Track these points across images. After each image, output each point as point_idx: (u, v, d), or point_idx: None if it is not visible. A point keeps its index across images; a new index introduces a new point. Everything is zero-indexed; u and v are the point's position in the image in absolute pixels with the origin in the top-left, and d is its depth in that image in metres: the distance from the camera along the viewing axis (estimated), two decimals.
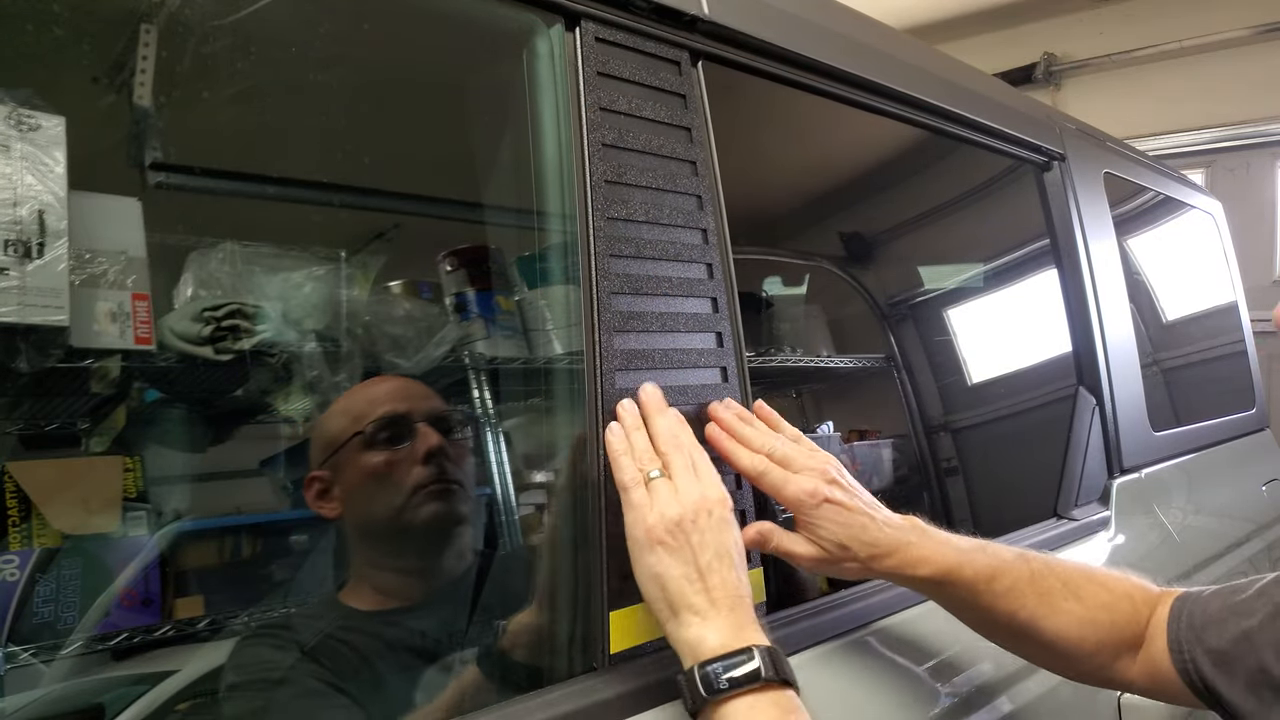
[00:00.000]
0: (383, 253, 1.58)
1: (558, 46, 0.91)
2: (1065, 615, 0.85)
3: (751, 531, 0.83)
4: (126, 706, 1.35)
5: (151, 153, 1.25)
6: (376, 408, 1.18)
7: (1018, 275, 2.04)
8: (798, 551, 0.83)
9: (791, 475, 0.83)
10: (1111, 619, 0.85)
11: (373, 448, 1.16)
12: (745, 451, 0.85)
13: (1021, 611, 0.84)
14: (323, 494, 1.19)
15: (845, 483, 0.85)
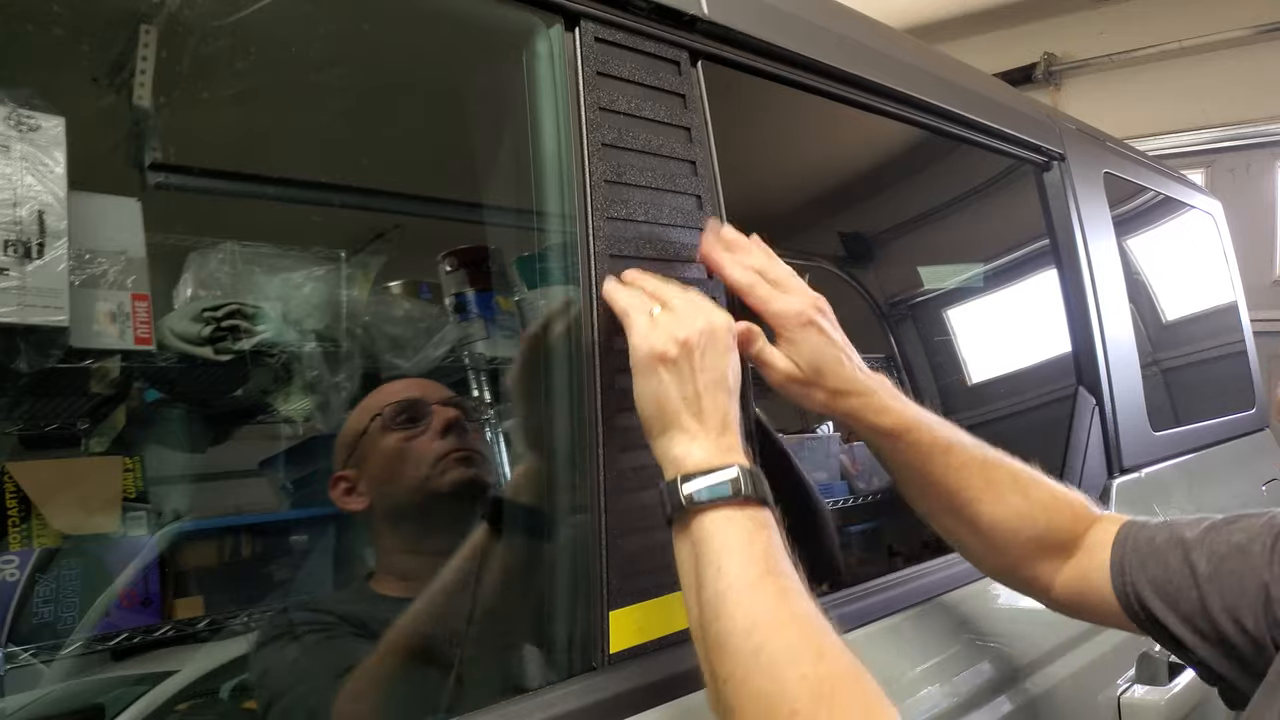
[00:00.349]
0: (383, 253, 1.58)
1: (557, 46, 0.91)
2: (1006, 506, 0.87)
3: (742, 325, 0.84)
4: (126, 706, 1.36)
5: (151, 153, 1.25)
6: (392, 396, 1.23)
7: (1017, 275, 2.04)
8: (777, 364, 0.85)
9: (780, 294, 0.86)
10: (1049, 521, 0.88)
11: (391, 429, 1.20)
12: (738, 264, 0.87)
13: (967, 491, 0.87)
14: (349, 490, 1.22)
15: (831, 320, 0.87)
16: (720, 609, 0.64)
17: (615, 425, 0.83)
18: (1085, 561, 0.87)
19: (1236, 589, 0.75)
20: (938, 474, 0.87)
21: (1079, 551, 0.88)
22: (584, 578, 0.82)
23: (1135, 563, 0.83)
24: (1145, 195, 2.15)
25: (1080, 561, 0.88)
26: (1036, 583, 0.90)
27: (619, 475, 0.82)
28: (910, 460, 0.88)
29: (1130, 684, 1.27)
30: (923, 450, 0.87)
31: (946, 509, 0.90)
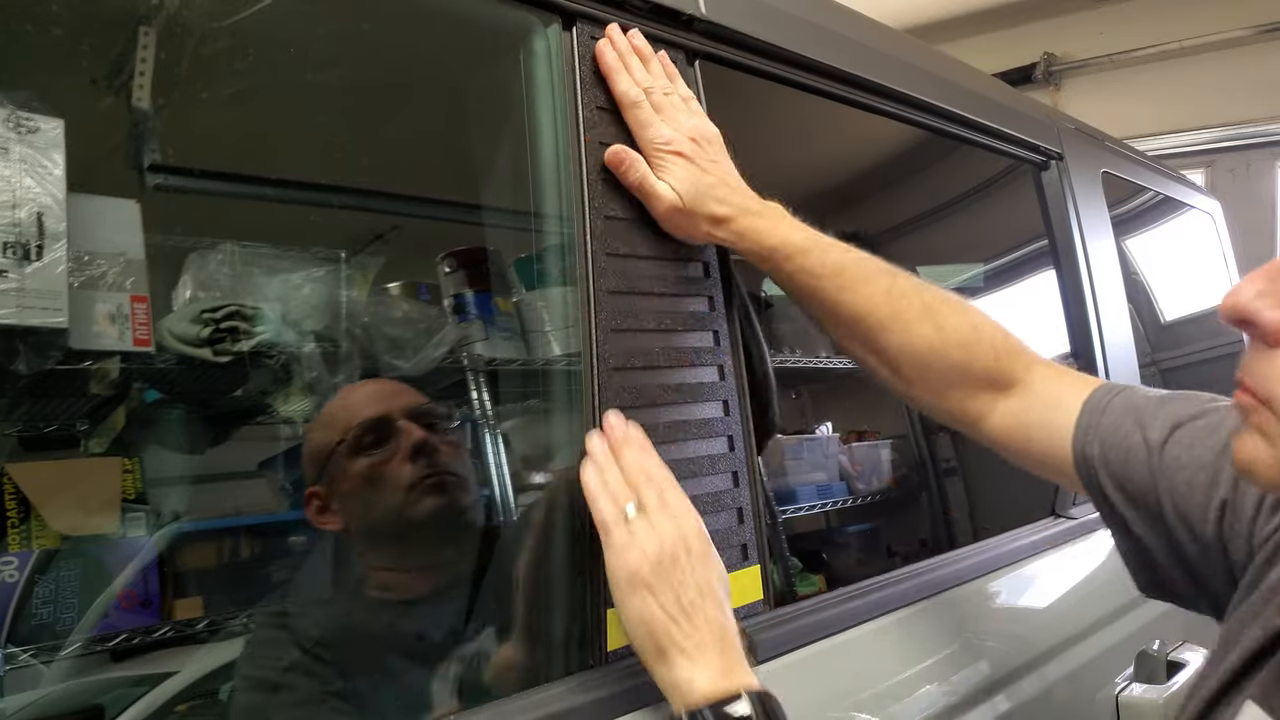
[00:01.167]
0: (381, 254, 1.58)
1: (555, 46, 0.91)
2: (915, 337, 0.85)
3: (625, 156, 0.86)
4: (126, 707, 1.36)
5: (150, 154, 1.25)
6: (354, 414, 1.16)
7: (1016, 275, 2.04)
8: (660, 192, 0.86)
9: (657, 119, 0.87)
10: (966, 356, 0.84)
11: (358, 454, 1.14)
12: (626, 79, 0.88)
13: (869, 318, 0.85)
14: (321, 509, 1.18)
15: (708, 149, 0.88)
16: None
17: None
18: (1035, 410, 0.83)
19: (1186, 490, 0.71)
20: (832, 298, 0.86)
21: (1017, 394, 0.84)
22: (582, 576, 0.82)
23: (1100, 432, 0.78)
24: (1144, 195, 2.15)
25: (1024, 406, 0.84)
26: (963, 416, 0.87)
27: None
28: (805, 284, 0.87)
29: (1128, 682, 1.27)
30: (812, 274, 0.86)
31: (850, 336, 0.89)
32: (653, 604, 0.69)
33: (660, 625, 0.69)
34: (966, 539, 1.92)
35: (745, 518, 0.92)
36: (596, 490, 0.76)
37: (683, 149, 0.87)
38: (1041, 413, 0.83)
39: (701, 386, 0.91)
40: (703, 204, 0.86)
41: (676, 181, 0.86)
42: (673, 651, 0.68)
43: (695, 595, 0.70)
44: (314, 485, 1.18)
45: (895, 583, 1.07)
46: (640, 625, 0.70)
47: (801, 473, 2.03)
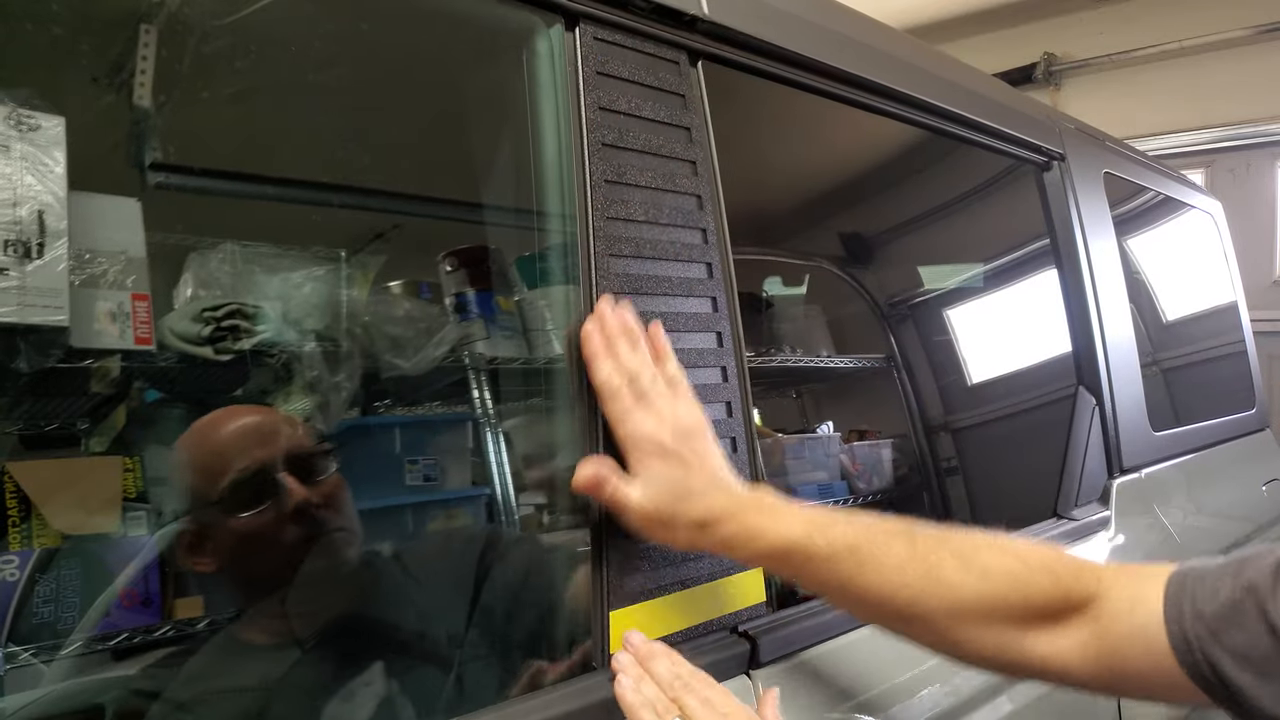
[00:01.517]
0: (382, 253, 1.58)
1: (557, 46, 0.91)
2: (959, 591, 0.71)
3: (588, 470, 0.76)
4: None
5: (151, 153, 1.25)
6: (228, 464, 1.04)
7: (1017, 275, 2.04)
8: (630, 501, 0.75)
9: (637, 412, 0.77)
10: (1025, 594, 0.71)
11: (234, 510, 1.03)
12: (609, 365, 0.78)
13: (902, 591, 0.71)
14: (193, 548, 1.07)
15: (693, 443, 0.78)
16: None
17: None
18: (1120, 621, 0.69)
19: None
20: (856, 582, 0.72)
21: (1091, 613, 0.71)
22: (584, 579, 0.82)
23: (1204, 634, 0.64)
24: (1145, 195, 2.15)
25: (1104, 627, 0.70)
26: (1044, 664, 0.72)
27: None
28: (819, 574, 0.74)
29: None
30: (823, 560, 0.73)
31: (891, 617, 0.74)
32: None
33: None
34: None
35: None
36: (635, 707, 0.70)
37: (662, 445, 0.76)
38: (1124, 619, 0.69)
39: (705, 388, 0.91)
40: (684, 510, 0.75)
41: (651, 487, 0.76)
42: None
43: None
44: (184, 522, 1.09)
45: None
46: None
47: (803, 472, 2.03)
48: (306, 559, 1.04)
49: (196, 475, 1.06)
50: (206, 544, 1.06)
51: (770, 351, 1.97)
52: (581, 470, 0.76)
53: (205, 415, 1.09)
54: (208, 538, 1.06)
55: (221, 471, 1.03)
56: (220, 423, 1.08)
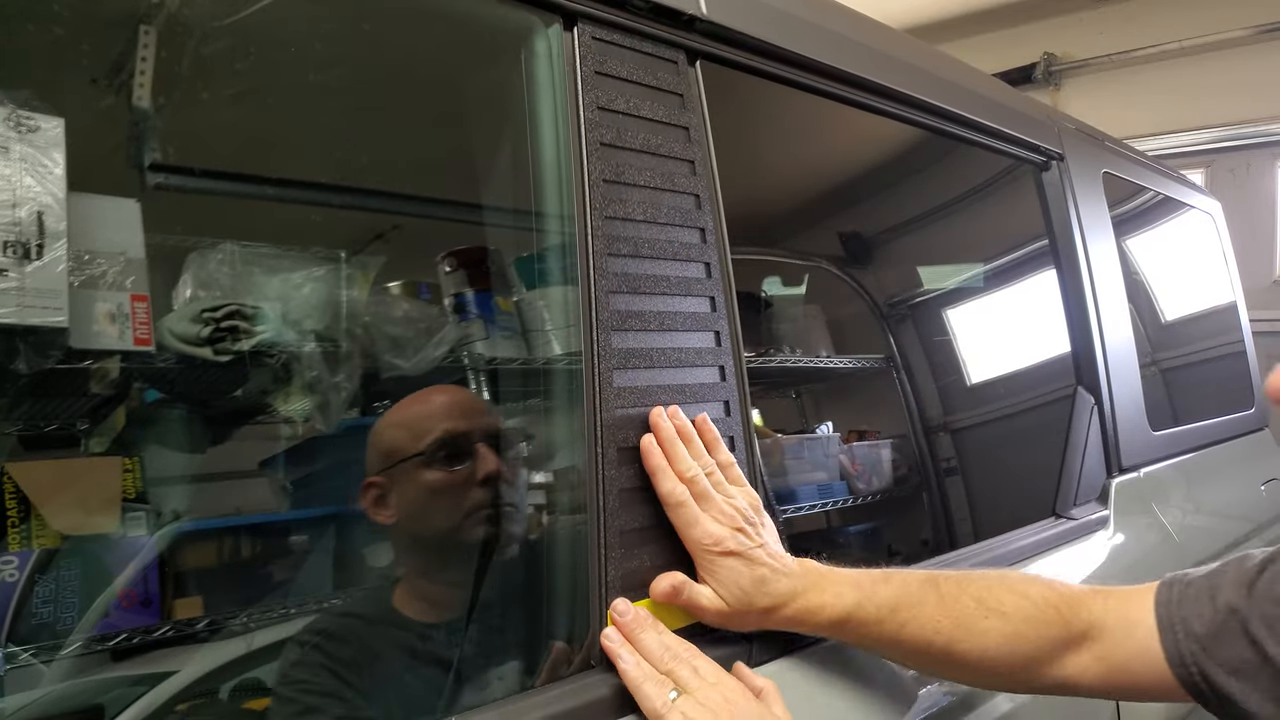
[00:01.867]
0: (382, 253, 1.58)
1: (555, 46, 0.91)
2: (986, 635, 0.83)
3: (665, 584, 0.82)
4: (126, 706, 1.36)
5: (150, 154, 1.25)
6: (436, 425, 1.19)
7: (1016, 276, 2.04)
8: (704, 604, 0.83)
9: (702, 516, 0.83)
10: (1038, 631, 0.83)
11: (431, 466, 1.17)
12: (671, 476, 0.84)
13: (938, 638, 0.83)
14: (379, 501, 1.20)
15: (752, 532, 0.85)
16: None
17: (614, 424, 0.83)
18: (1120, 645, 0.82)
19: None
20: (900, 637, 0.84)
21: (1094, 639, 0.83)
22: (583, 576, 0.82)
23: (1195, 649, 0.77)
24: (1145, 195, 2.15)
25: (1107, 648, 0.83)
26: (1063, 686, 0.84)
27: (619, 475, 0.82)
28: (871, 635, 0.85)
29: None
30: (874, 624, 0.84)
31: (934, 661, 0.86)
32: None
33: None
34: (967, 539, 1.92)
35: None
36: (639, 680, 0.75)
37: (729, 547, 0.83)
38: (1124, 642, 0.82)
39: (703, 387, 0.91)
40: (752, 601, 0.83)
41: (723, 587, 0.83)
42: None
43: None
44: (375, 477, 1.21)
45: None
46: None
47: (802, 472, 2.03)
48: (478, 528, 1.16)
49: (403, 431, 1.20)
50: (393, 497, 1.19)
51: (769, 351, 1.97)
52: (659, 585, 0.83)
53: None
54: (394, 492, 1.19)
55: (429, 430, 1.18)
56: (435, 392, 1.25)
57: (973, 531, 2.15)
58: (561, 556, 0.89)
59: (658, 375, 0.87)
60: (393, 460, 1.19)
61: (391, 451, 1.20)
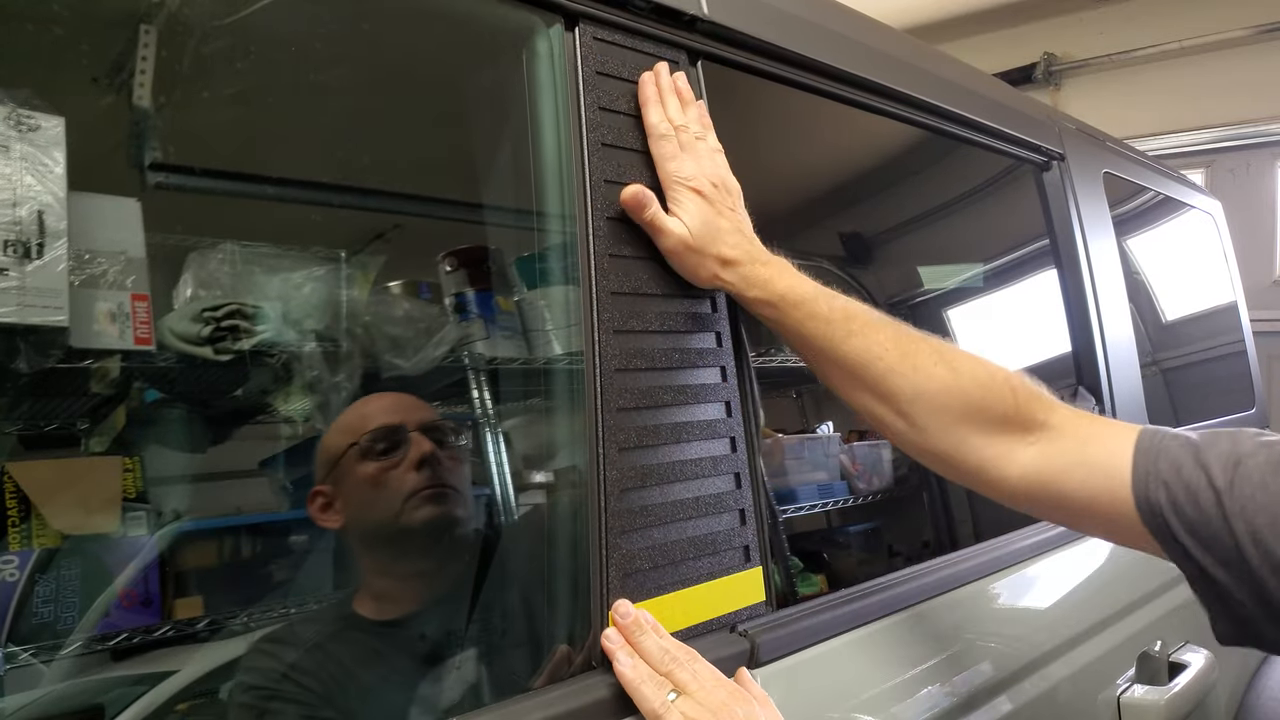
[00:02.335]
0: (382, 253, 1.58)
1: (557, 46, 0.91)
2: (928, 378, 0.82)
3: (633, 189, 0.86)
4: (126, 706, 1.35)
5: (151, 153, 1.25)
6: (370, 421, 1.22)
7: (1017, 275, 2.04)
8: (668, 227, 0.86)
9: (682, 156, 0.88)
10: (984, 396, 0.81)
11: (367, 458, 1.20)
12: (659, 111, 0.89)
13: (879, 361, 0.83)
14: (325, 507, 1.23)
15: (726, 198, 0.89)
16: None
17: (615, 425, 0.83)
18: (1071, 453, 0.80)
19: (1271, 532, 0.69)
20: (841, 341, 0.84)
21: (1044, 438, 0.81)
22: (584, 577, 0.82)
23: (1162, 476, 0.74)
24: (1145, 195, 2.15)
25: (1056, 450, 0.80)
26: (983, 467, 0.83)
27: (619, 475, 0.82)
28: (811, 330, 0.85)
29: (1130, 684, 1.27)
30: (822, 317, 0.84)
31: (860, 383, 0.85)
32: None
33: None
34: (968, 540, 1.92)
35: (747, 519, 0.92)
36: (637, 681, 0.75)
37: (702, 188, 0.87)
38: (1079, 453, 0.79)
39: (704, 388, 0.91)
40: (713, 244, 0.86)
41: (689, 218, 0.86)
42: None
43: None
44: (321, 484, 1.23)
45: (897, 584, 1.07)
46: None
47: (802, 472, 2.03)
48: (417, 513, 1.18)
49: (338, 433, 1.23)
50: (337, 500, 1.22)
51: (770, 351, 1.97)
52: (627, 190, 0.85)
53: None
54: (338, 494, 1.22)
55: (361, 425, 1.21)
56: (371, 397, 1.29)
57: (973, 532, 2.14)
58: (562, 558, 0.89)
59: (659, 376, 0.87)
60: (332, 461, 1.22)
61: (330, 453, 1.23)
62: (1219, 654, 1.38)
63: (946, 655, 1.04)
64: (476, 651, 1.13)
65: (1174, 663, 1.31)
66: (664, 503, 0.85)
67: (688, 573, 0.85)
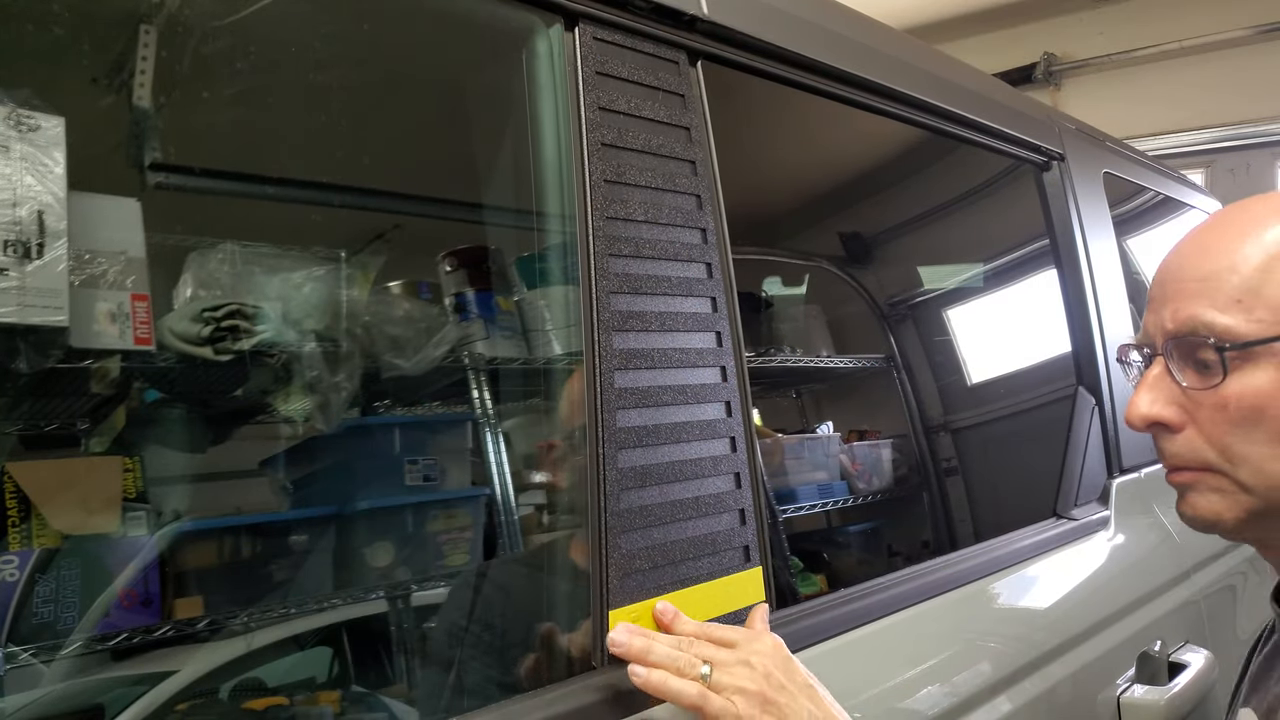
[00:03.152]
0: (382, 253, 1.58)
1: (557, 46, 0.91)
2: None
3: None
4: (126, 706, 1.36)
5: (151, 153, 1.25)
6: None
7: (1017, 275, 2.04)
8: None
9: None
10: None
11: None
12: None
13: None
14: (555, 464, 1.22)
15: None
16: None
17: (615, 425, 0.83)
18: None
19: None
20: None
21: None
22: (584, 577, 0.82)
23: None
24: (1145, 195, 2.15)
25: None
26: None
27: (619, 475, 0.82)
28: None
29: (1130, 684, 1.27)
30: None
31: None
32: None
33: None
34: (968, 539, 1.92)
35: (747, 519, 0.92)
36: (662, 681, 0.72)
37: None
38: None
39: (704, 388, 0.91)
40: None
41: None
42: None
43: (806, 702, 0.73)
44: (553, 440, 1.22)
45: (897, 584, 1.07)
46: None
47: (802, 472, 2.03)
48: None
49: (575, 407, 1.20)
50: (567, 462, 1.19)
51: (770, 351, 1.97)
52: None
53: None
54: (571, 458, 1.19)
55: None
56: None
57: (973, 532, 2.15)
58: (562, 558, 0.89)
59: (659, 376, 0.87)
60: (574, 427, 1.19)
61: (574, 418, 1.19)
62: (1219, 654, 1.38)
63: (947, 655, 1.04)
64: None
65: (1174, 663, 1.31)
66: (664, 502, 0.85)
67: (688, 573, 0.85)
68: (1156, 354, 0.76)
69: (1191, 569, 1.58)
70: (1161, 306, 0.74)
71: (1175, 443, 0.74)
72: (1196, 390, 0.71)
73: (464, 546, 1.67)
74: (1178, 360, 0.73)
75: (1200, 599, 1.55)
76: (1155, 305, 0.75)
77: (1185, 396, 0.72)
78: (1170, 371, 0.74)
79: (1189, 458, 0.73)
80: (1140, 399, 0.77)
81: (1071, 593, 1.33)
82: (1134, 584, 1.43)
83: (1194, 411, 0.72)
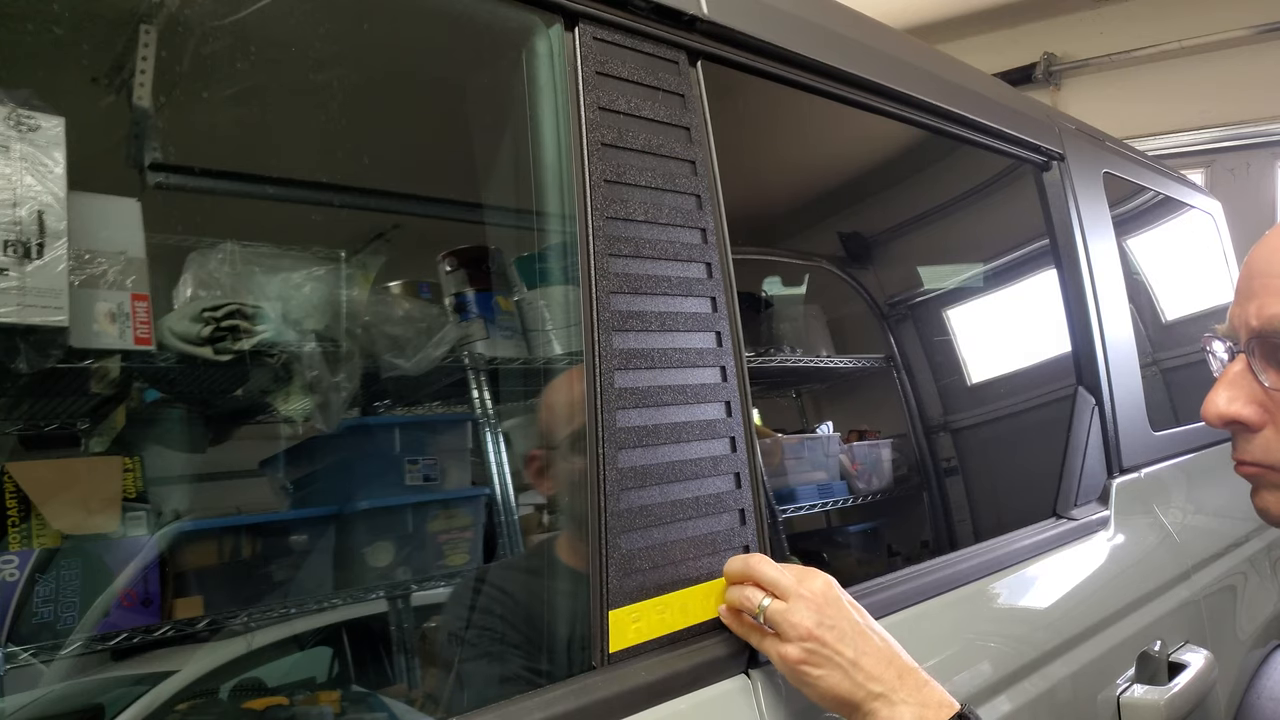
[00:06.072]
0: (382, 253, 1.58)
1: (557, 46, 0.91)
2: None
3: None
4: (126, 706, 1.36)
5: (151, 153, 1.25)
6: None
7: (1017, 275, 2.04)
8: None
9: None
10: None
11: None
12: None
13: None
14: (540, 472, 1.26)
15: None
16: None
17: (615, 425, 0.83)
18: None
19: None
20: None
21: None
22: (583, 577, 0.82)
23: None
24: (1145, 195, 2.15)
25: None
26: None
27: (619, 475, 0.82)
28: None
29: (1130, 684, 1.27)
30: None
31: None
32: (826, 670, 0.75)
33: (843, 686, 0.75)
34: (968, 539, 1.92)
35: (747, 519, 0.92)
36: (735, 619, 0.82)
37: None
38: None
39: (704, 388, 0.91)
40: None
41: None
42: (868, 701, 0.74)
43: (854, 638, 0.76)
44: (538, 450, 1.26)
45: (897, 584, 1.07)
46: (826, 696, 0.76)
47: (802, 472, 2.03)
48: None
49: (566, 415, 1.21)
50: (550, 471, 1.24)
51: (770, 351, 1.97)
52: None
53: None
54: (553, 467, 1.24)
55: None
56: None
57: (973, 532, 2.15)
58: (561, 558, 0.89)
59: (659, 376, 0.87)
60: (558, 438, 1.21)
61: (560, 427, 1.21)
62: (1219, 654, 1.38)
63: (946, 655, 1.04)
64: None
65: (1174, 663, 1.31)
66: (664, 502, 0.85)
67: (688, 572, 0.85)
68: (1240, 349, 0.73)
69: (1191, 569, 1.58)
70: (1247, 301, 0.71)
71: (1252, 441, 0.72)
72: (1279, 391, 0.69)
73: (464, 546, 1.67)
74: (1260, 358, 0.70)
75: (1200, 599, 1.55)
76: (1241, 299, 0.72)
77: (1266, 395, 0.70)
78: (1252, 369, 0.71)
79: (1264, 459, 0.72)
80: (1219, 396, 0.72)
81: (1071, 593, 1.33)
82: (1134, 584, 1.43)
83: (1275, 411, 0.70)
